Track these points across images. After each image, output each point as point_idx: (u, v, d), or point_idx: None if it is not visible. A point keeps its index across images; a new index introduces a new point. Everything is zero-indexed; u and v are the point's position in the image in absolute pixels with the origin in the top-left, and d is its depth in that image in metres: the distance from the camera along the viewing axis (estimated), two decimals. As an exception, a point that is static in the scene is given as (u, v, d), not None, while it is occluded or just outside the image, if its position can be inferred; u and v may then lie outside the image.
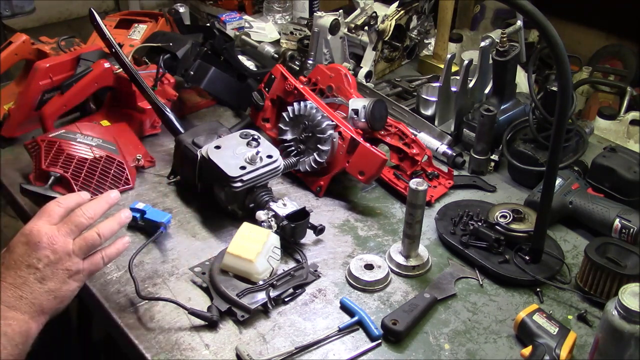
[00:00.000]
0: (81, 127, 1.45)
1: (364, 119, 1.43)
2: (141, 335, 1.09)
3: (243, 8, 2.40)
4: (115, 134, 1.49)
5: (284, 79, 1.52)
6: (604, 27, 2.16)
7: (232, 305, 1.12)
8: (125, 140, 1.50)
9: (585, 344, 1.10)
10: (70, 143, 1.39)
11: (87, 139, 1.42)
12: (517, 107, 1.61)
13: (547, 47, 0.99)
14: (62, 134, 1.41)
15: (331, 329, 1.11)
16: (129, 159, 1.45)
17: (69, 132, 1.42)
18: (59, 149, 1.37)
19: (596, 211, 1.32)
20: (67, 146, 1.38)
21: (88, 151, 1.39)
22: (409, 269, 1.24)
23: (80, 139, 1.41)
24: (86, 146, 1.40)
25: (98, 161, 1.39)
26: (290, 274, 1.20)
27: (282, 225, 1.24)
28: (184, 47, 1.65)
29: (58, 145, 1.38)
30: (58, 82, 1.54)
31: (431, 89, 1.75)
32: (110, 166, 1.40)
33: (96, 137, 1.43)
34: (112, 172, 1.40)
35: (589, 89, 2.00)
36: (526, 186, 1.49)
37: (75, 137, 1.41)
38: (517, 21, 1.69)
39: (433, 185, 1.46)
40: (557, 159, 1.10)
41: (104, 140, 1.44)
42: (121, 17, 2.02)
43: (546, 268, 1.22)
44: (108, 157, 1.41)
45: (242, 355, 1.04)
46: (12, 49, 1.68)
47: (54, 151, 1.37)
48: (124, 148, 1.47)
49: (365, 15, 1.91)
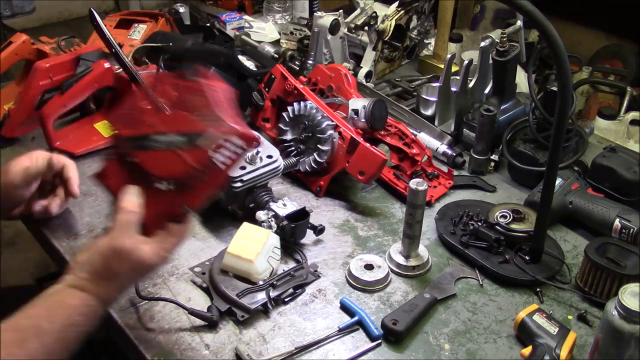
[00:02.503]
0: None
1: (364, 119, 1.43)
2: (141, 335, 1.09)
3: (243, 8, 2.40)
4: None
5: (284, 79, 1.52)
6: (604, 27, 2.16)
7: (232, 305, 1.12)
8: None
9: (585, 344, 1.10)
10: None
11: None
12: (517, 107, 1.61)
13: (547, 47, 0.99)
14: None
15: (331, 329, 1.11)
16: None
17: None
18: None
19: (596, 211, 1.32)
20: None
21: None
22: (409, 269, 1.24)
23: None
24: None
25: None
26: (290, 274, 1.20)
27: (282, 225, 1.24)
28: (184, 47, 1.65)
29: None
30: (58, 82, 1.54)
31: (431, 89, 1.75)
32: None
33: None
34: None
35: (589, 89, 2.00)
36: (526, 186, 1.49)
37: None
38: (517, 21, 1.69)
39: (433, 185, 1.46)
40: (557, 159, 1.10)
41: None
42: (121, 17, 2.02)
43: (546, 268, 1.22)
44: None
45: (242, 355, 1.04)
46: (12, 49, 1.68)
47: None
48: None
49: (365, 15, 1.91)
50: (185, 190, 0.96)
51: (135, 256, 0.95)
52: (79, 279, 0.95)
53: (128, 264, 0.95)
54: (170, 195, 0.96)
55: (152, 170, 0.96)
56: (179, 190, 0.96)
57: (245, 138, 0.96)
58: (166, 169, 0.95)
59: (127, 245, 0.94)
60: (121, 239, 0.95)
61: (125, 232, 0.95)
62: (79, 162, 1.53)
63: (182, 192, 0.96)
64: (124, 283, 0.98)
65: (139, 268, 0.96)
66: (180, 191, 0.96)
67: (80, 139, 1.57)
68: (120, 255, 0.94)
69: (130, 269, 0.96)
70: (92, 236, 1.31)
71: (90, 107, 1.65)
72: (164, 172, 0.95)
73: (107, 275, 0.95)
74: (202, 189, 0.96)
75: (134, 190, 0.98)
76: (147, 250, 0.96)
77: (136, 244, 0.95)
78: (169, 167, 0.95)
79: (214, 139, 0.93)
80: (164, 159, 0.96)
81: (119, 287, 0.98)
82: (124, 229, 0.96)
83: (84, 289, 0.95)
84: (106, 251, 0.95)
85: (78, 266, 0.97)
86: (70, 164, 1.30)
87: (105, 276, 0.95)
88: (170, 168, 0.95)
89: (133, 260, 0.95)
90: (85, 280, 0.95)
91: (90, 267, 0.96)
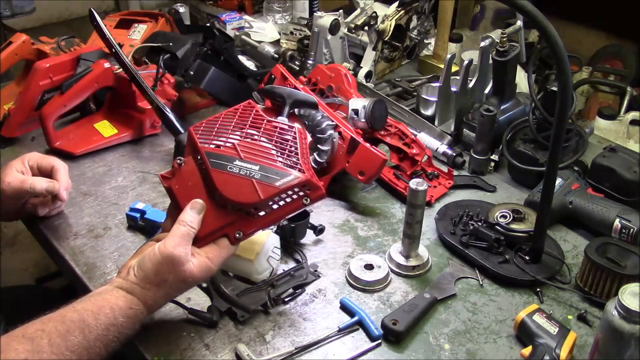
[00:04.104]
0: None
1: (364, 119, 1.42)
2: (141, 335, 1.08)
3: (243, 8, 2.40)
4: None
5: (284, 79, 1.52)
6: (604, 27, 2.16)
7: (232, 305, 1.12)
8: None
9: (585, 344, 1.10)
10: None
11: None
12: (517, 107, 1.61)
13: (547, 47, 0.99)
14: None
15: (331, 329, 1.11)
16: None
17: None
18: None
19: (596, 211, 1.32)
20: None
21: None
22: (409, 269, 1.24)
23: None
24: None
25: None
26: (290, 274, 1.20)
27: (282, 225, 1.24)
28: (184, 47, 1.65)
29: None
30: (58, 82, 1.54)
31: (431, 89, 1.75)
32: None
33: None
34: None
35: (589, 89, 2.00)
36: (526, 186, 1.49)
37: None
38: (517, 21, 1.68)
39: (433, 185, 1.46)
40: (557, 159, 1.10)
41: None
42: (121, 17, 2.02)
43: (546, 268, 1.22)
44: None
45: (242, 355, 1.04)
46: (12, 49, 1.68)
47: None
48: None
49: (365, 15, 1.91)
50: (245, 217, 1.01)
51: (185, 267, 0.97)
52: (128, 282, 0.97)
53: (176, 272, 0.97)
54: (230, 217, 1.01)
55: (223, 191, 1.00)
56: (239, 216, 1.01)
57: (315, 190, 1.02)
58: (236, 194, 0.99)
59: (179, 254, 0.97)
60: (174, 248, 0.97)
61: (180, 242, 0.97)
62: (78, 162, 1.53)
63: (241, 218, 1.01)
64: (169, 291, 0.99)
65: (186, 278, 0.98)
66: (240, 217, 1.01)
67: (80, 139, 1.57)
68: (171, 263, 0.96)
69: (177, 278, 0.98)
70: (92, 236, 1.31)
71: (90, 107, 1.65)
72: (234, 196, 0.99)
73: (156, 281, 0.97)
74: (260, 221, 1.02)
75: (199, 205, 1.01)
76: (195, 262, 0.98)
77: (187, 254, 0.98)
78: (239, 193, 0.99)
79: (289, 182, 0.99)
80: (237, 183, 1.00)
81: (164, 294, 0.99)
82: (180, 239, 0.98)
83: (131, 292, 0.97)
84: (157, 257, 0.97)
85: (127, 269, 0.99)
86: (60, 166, 1.30)
87: (154, 282, 0.97)
88: (241, 194, 0.99)
89: (182, 269, 0.97)
90: (134, 283, 0.97)
91: (141, 271, 0.98)
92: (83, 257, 1.26)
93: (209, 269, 1.00)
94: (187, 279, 0.98)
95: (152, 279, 0.97)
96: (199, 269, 0.98)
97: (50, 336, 0.88)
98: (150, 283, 0.97)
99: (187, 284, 1.00)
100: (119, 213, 1.37)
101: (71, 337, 0.89)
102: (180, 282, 0.99)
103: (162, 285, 0.98)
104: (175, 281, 0.98)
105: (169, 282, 0.98)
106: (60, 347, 0.88)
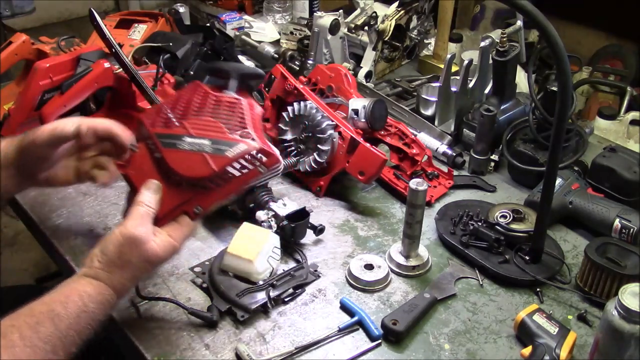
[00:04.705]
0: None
1: (364, 119, 1.42)
2: (141, 335, 1.09)
3: (243, 8, 2.40)
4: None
5: (284, 79, 1.52)
6: (604, 27, 2.16)
7: (232, 305, 1.12)
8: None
9: (585, 344, 1.10)
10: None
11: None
12: (517, 107, 1.61)
13: (547, 47, 0.99)
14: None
15: (331, 329, 1.11)
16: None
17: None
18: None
19: (596, 211, 1.32)
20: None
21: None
22: (409, 269, 1.24)
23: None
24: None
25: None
26: (290, 274, 1.20)
27: (282, 225, 1.24)
28: (184, 47, 1.65)
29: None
30: (58, 82, 1.54)
31: (431, 89, 1.75)
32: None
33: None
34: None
35: (589, 89, 2.01)
36: (526, 186, 1.49)
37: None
38: (517, 21, 1.68)
39: (433, 185, 1.46)
40: (557, 159, 1.10)
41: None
42: (121, 17, 2.02)
43: (546, 268, 1.22)
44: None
45: (242, 355, 1.04)
46: (12, 49, 1.68)
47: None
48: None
49: (365, 15, 1.91)
50: (202, 192, 1.02)
51: (148, 246, 0.98)
52: (93, 269, 0.98)
53: (139, 252, 0.97)
54: (187, 193, 1.02)
55: (176, 168, 1.01)
56: (196, 191, 1.02)
57: (269, 156, 1.02)
58: (189, 169, 1.01)
59: (140, 234, 0.97)
60: (135, 228, 0.97)
61: (139, 222, 0.98)
62: (79, 162, 1.53)
63: (199, 193, 1.02)
64: (135, 273, 1.00)
65: (150, 258, 0.98)
66: (197, 192, 1.02)
67: (80, 139, 1.57)
68: (133, 244, 0.97)
69: (141, 258, 0.98)
70: (91, 236, 1.31)
71: (90, 107, 1.65)
72: (187, 171, 1.01)
73: (120, 263, 0.97)
74: (218, 194, 1.02)
75: (154, 186, 1.02)
76: (158, 241, 0.99)
77: (148, 233, 0.98)
78: (192, 168, 1.01)
79: (240, 151, 1.00)
80: (189, 159, 1.01)
81: (131, 276, 0.99)
82: (140, 220, 0.99)
83: (97, 278, 0.97)
84: (119, 239, 0.98)
85: (91, 257, 0.99)
86: (111, 123, 1.14)
87: (118, 264, 0.97)
88: (194, 168, 1.00)
89: (145, 249, 0.97)
90: (98, 269, 0.97)
91: (103, 256, 0.98)
92: (83, 257, 1.24)
93: (172, 247, 1.00)
94: (151, 258, 0.98)
95: (115, 261, 0.97)
96: (162, 247, 0.99)
97: (20, 330, 0.88)
98: (115, 266, 0.97)
99: (152, 264, 1.00)
100: (119, 213, 1.37)
101: (41, 328, 0.90)
102: (145, 262, 0.99)
103: (126, 267, 0.98)
104: (140, 261, 0.98)
105: (133, 263, 0.98)
106: (32, 339, 0.88)
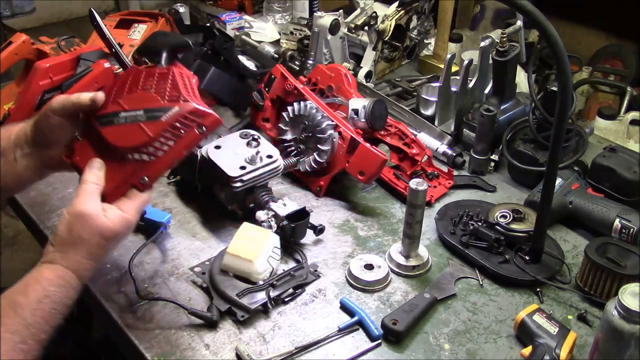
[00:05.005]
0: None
1: (364, 119, 1.42)
2: (141, 335, 1.09)
3: (243, 8, 2.40)
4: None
5: (284, 79, 1.52)
6: (604, 27, 2.16)
7: (232, 305, 1.12)
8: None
9: (585, 344, 1.10)
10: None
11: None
12: (517, 107, 1.61)
13: (547, 47, 0.99)
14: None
15: (331, 329, 1.11)
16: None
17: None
18: None
19: (596, 211, 1.32)
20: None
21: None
22: (409, 269, 1.24)
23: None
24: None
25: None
26: (290, 274, 1.20)
27: (282, 225, 1.24)
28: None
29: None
30: (58, 82, 1.54)
31: (431, 89, 1.75)
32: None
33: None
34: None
35: (589, 89, 2.01)
36: (526, 186, 1.49)
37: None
38: (517, 21, 1.68)
39: (433, 185, 1.46)
40: (557, 159, 1.10)
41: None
42: (121, 17, 2.02)
43: (546, 268, 1.22)
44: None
45: (242, 355, 1.04)
46: (12, 49, 1.68)
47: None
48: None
49: (365, 15, 1.90)
50: (145, 162, 1.03)
51: (98, 220, 0.97)
52: (48, 254, 0.98)
53: (90, 227, 0.97)
54: (130, 166, 1.03)
55: (115, 142, 1.03)
56: (139, 162, 1.03)
57: (205, 116, 1.04)
58: (127, 140, 1.03)
59: (88, 209, 0.97)
60: (81, 205, 0.97)
61: (85, 199, 0.98)
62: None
63: (142, 163, 1.03)
64: (90, 250, 0.98)
65: (103, 232, 0.98)
66: (140, 163, 1.03)
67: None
68: (82, 220, 0.97)
69: (93, 233, 0.97)
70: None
71: (90, 107, 1.64)
72: (125, 142, 1.03)
73: (71, 240, 0.97)
74: (161, 161, 1.03)
75: (97, 164, 1.03)
76: (109, 215, 0.99)
77: (97, 209, 0.98)
78: (129, 138, 1.03)
79: (174, 114, 1.02)
80: (126, 131, 1.04)
81: (86, 253, 0.98)
82: (86, 197, 0.98)
83: (53, 261, 0.97)
84: (68, 219, 0.98)
85: (47, 244, 1.00)
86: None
87: (69, 242, 0.97)
88: (131, 139, 1.03)
89: (96, 224, 0.97)
90: (53, 252, 0.97)
91: (56, 237, 0.98)
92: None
93: (125, 220, 1.00)
94: (104, 233, 0.98)
95: (67, 240, 0.97)
96: (114, 221, 0.98)
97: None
98: (67, 244, 0.97)
99: (106, 239, 0.99)
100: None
101: (6, 320, 0.90)
102: (99, 237, 0.98)
103: (79, 244, 0.97)
104: (92, 236, 0.97)
105: (86, 239, 0.97)
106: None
